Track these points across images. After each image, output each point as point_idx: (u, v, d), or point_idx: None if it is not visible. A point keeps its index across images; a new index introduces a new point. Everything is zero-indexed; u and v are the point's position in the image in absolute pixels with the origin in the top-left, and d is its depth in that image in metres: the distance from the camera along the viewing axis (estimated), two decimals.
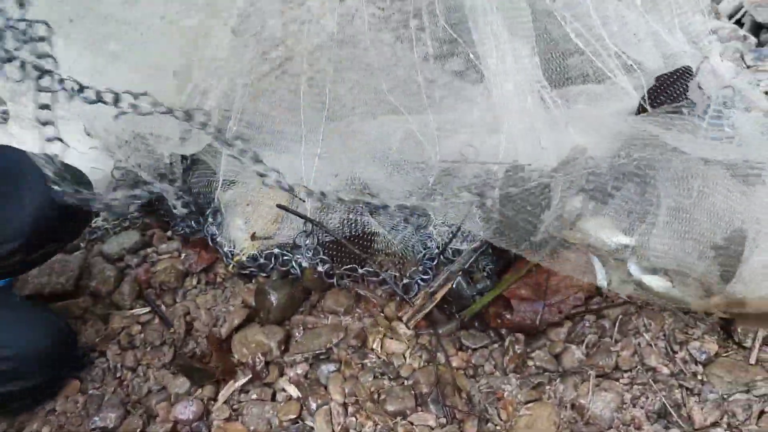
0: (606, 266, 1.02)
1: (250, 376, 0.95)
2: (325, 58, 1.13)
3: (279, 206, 1.05)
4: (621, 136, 1.07)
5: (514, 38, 1.04)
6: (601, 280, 0.99)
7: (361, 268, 1.02)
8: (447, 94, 1.09)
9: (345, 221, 1.06)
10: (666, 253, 0.95)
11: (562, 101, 1.07)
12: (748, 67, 1.57)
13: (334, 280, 1.02)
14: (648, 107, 1.06)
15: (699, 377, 0.86)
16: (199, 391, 0.95)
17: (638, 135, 1.05)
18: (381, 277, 1.03)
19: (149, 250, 1.20)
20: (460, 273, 0.97)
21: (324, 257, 1.03)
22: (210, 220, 1.16)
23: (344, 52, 1.11)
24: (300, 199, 1.06)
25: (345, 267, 1.02)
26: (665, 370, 0.87)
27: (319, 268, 1.02)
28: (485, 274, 1.00)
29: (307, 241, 1.05)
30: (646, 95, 1.06)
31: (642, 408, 0.84)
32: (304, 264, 1.04)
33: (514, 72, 1.00)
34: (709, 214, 0.95)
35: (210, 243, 1.13)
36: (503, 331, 0.96)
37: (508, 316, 0.95)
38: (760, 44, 1.64)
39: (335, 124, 1.14)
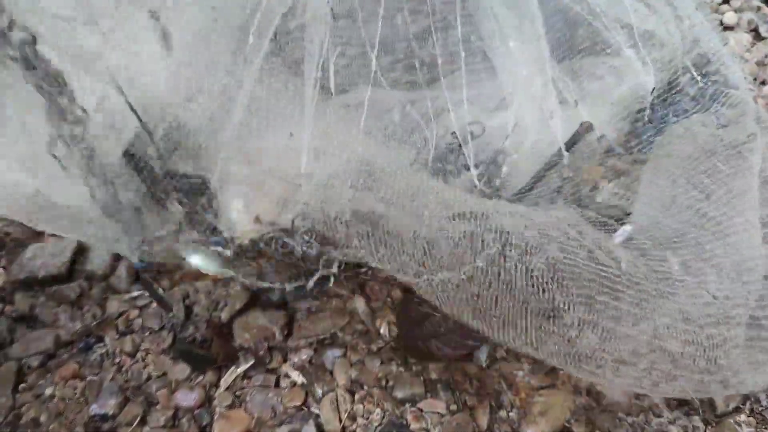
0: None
1: (253, 361, 0.92)
2: (322, 32, 1.09)
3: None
4: (632, 114, 1.03)
5: (518, 10, 1.00)
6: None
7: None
8: (450, 70, 1.05)
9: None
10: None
11: (571, 76, 1.03)
12: (763, 39, 1.52)
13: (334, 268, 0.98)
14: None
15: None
16: (201, 377, 0.92)
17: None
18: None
19: None
20: None
21: (313, 242, 0.99)
22: (208, 207, 1.12)
23: (341, 25, 1.06)
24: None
25: (344, 252, 0.98)
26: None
27: (310, 252, 0.98)
28: None
29: (303, 224, 1.01)
30: None
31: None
32: (297, 248, 1.00)
33: (520, 45, 0.96)
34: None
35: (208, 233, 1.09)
36: None
37: None
38: None
39: (333, 101, 1.10)
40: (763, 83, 1.34)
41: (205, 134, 1.13)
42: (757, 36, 1.52)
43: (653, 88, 1.02)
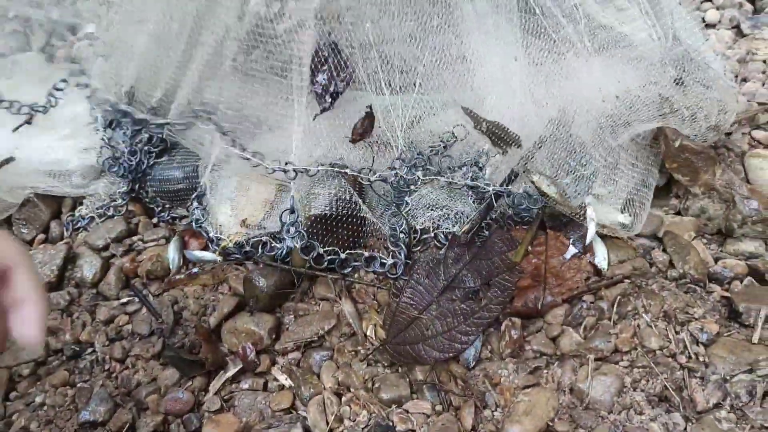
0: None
1: (241, 366, 0.93)
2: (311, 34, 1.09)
3: None
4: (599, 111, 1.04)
5: (497, 14, 1.02)
6: (602, 262, 0.97)
7: (343, 252, 0.99)
8: (433, 73, 1.06)
9: (334, 198, 1.02)
10: None
11: (543, 78, 1.05)
12: (745, 36, 1.53)
13: (309, 258, 0.99)
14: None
15: (701, 358, 0.84)
16: (190, 382, 0.93)
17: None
18: (366, 256, 1.00)
19: (135, 238, 1.16)
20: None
21: (302, 232, 0.99)
22: (195, 204, 1.13)
23: (328, 29, 1.07)
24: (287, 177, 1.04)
25: (326, 249, 0.99)
26: (666, 352, 0.85)
27: (296, 244, 0.99)
28: None
29: (291, 217, 1.02)
30: None
31: (643, 391, 0.81)
32: (289, 243, 1.01)
33: (498, 49, 0.97)
34: None
35: (195, 227, 1.10)
36: (499, 316, 0.93)
37: (509, 304, 0.93)
38: (756, 11, 1.60)
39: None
40: (744, 80, 1.35)
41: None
42: (739, 33, 1.53)
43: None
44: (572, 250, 0.98)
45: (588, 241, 0.98)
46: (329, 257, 0.99)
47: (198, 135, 1.21)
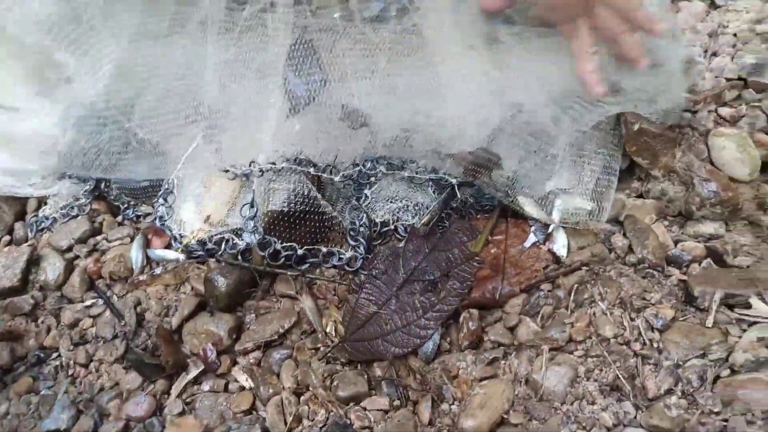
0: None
1: (202, 368, 0.93)
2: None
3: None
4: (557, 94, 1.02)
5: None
6: (561, 249, 0.96)
7: (301, 248, 0.99)
8: (391, 61, 1.04)
9: (293, 193, 1.01)
10: None
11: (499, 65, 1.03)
12: (718, 7, 1.50)
13: (265, 254, 0.98)
14: None
15: (655, 345, 0.84)
16: (152, 386, 0.93)
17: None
18: (324, 252, 1.00)
19: (99, 237, 1.16)
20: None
21: (258, 227, 0.98)
22: (161, 201, 1.12)
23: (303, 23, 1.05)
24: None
25: (284, 245, 0.98)
26: (620, 340, 0.85)
27: (253, 239, 0.98)
28: None
29: (250, 212, 1.01)
30: None
31: (596, 381, 0.82)
32: (246, 238, 1.00)
33: (455, 35, 0.95)
34: None
35: (158, 224, 1.09)
36: (458, 308, 0.93)
37: (467, 295, 0.92)
38: None
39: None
40: (714, 55, 1.33)
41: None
42: (713, 4, 1.50)
43: None
44: (532, 238, 0.98)
45: (550, 230, 0.98)
46: (286, 253, 0.98)
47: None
